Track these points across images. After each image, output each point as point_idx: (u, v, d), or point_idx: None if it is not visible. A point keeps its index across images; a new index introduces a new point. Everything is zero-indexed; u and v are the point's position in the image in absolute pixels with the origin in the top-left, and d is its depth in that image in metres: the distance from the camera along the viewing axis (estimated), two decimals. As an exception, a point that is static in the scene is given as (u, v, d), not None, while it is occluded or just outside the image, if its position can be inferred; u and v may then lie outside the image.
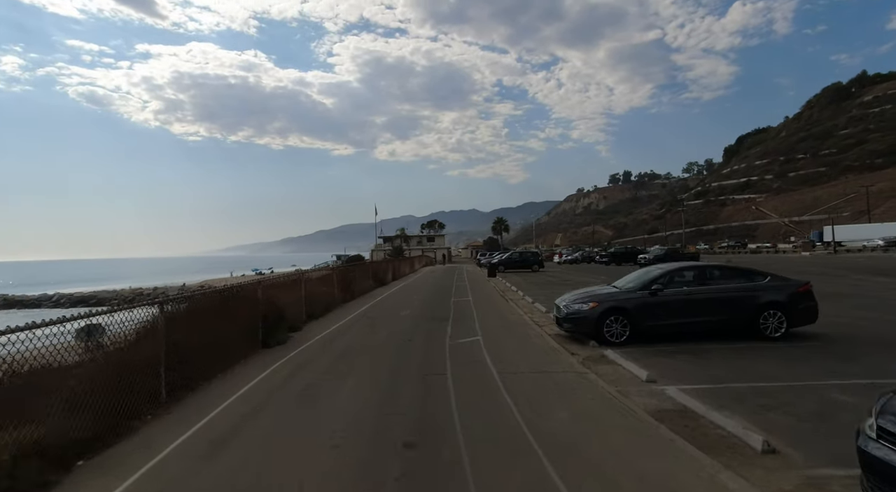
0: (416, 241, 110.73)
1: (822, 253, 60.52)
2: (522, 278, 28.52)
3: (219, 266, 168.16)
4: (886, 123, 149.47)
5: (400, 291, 21.68)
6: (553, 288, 21.09)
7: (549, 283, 24.58)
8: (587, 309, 9.25)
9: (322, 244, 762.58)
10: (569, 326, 9.57)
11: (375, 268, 25.10)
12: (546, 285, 22.98)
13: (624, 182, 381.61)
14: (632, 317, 9.06)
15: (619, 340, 9.00)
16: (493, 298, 17.47)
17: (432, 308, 14.94)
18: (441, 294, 19.74)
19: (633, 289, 9.45)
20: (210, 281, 71.39)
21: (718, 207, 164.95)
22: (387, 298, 18.33)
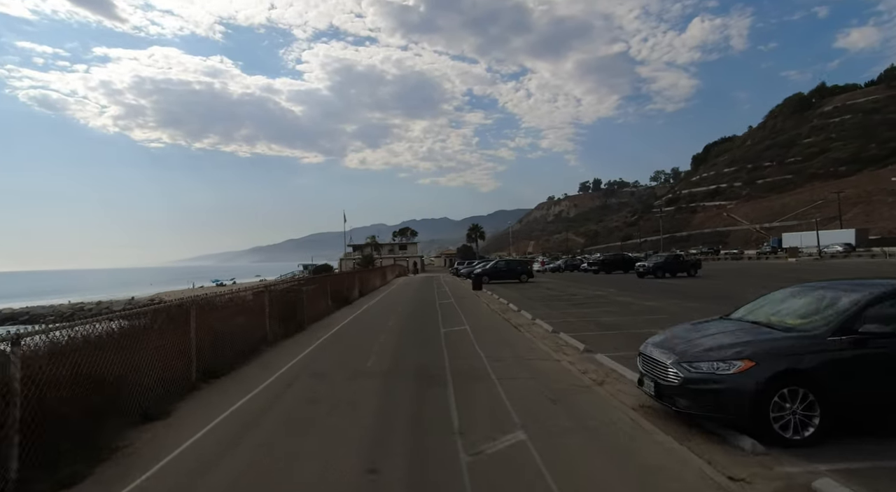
0: (388, 249, 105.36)
1: (809, 259, 58.83)
2: (515, 292, 24.01)
3: (183, 276, 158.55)
4: (847, 132, 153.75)
5: (367, 315, 16.51)
6: (562, 306, 16.58)
7: (552, 298, 20.10)
8: (734, 373, 4.65)
9: (292, 253, 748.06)
10: (687, 403, 4.94)
11: (336, 283, 19.50)
12: (550, 302, 18.48)
13: (594, 190, 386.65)
14: (822, 388, 4.55)
15: (801, 436, 4.48)
16: (497, 326, 12.72)
17: (416, 349, 9.78)
18: (423, 320, 14.87)
19: (811, 331, 4.90)
20: (164, 294, 64.88)
21: (690, 214, 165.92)
22: (347, 329, 13.24)
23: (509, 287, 27.93)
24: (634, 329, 10.90)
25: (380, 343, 10.52)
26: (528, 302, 18.48)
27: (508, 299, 19.50)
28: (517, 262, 34.27)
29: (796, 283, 6.38)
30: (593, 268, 42.53)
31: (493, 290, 25.51)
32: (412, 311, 17.22)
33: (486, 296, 22.52)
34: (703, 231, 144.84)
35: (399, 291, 27.51)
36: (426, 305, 19.14)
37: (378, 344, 10.39)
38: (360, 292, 22.96)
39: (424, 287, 30.56)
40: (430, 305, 18.67)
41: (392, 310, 17.72)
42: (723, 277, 30.56)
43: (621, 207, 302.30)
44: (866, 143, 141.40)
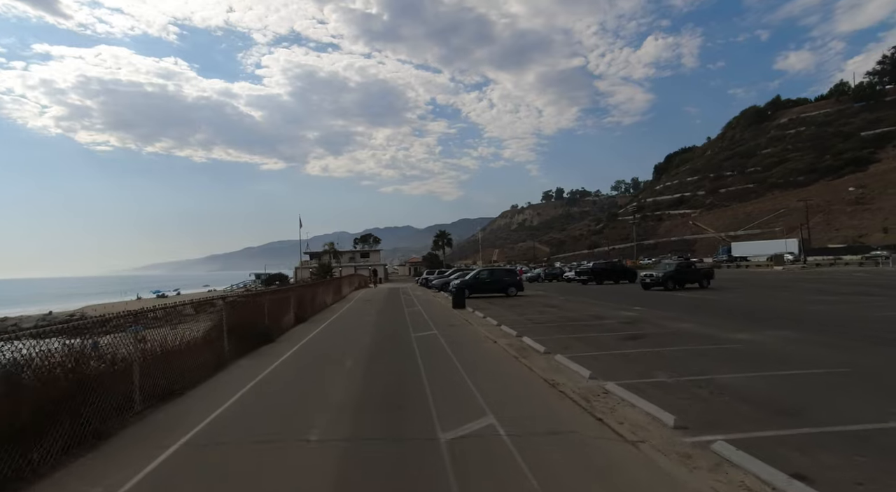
0: (349, 257, 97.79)
1: (795, 267, 56.23)
2: (512, 312, 18.00)
3: (130, 286, 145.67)
4: (803, 143, 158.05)
5: (288, 373, 9.75)
6: (605, 341, 10.61)
7: (572, 323, 14.13)
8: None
9: (250, 262, 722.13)
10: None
11: (250, 311, 12.76)
12: (577, 331, 12.48)
13: (556, 199, 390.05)
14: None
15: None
16: (538, 402, 6.52)
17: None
18: (397, 389, 7.69)
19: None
20: (91, 308, 56.26)
21: (656, 222, 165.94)
22: (248, 411, 6.89)
23: (498, 303, 21.96)
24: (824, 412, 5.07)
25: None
26: (544, 331, 12.47)
27: (512, 325, 13.46)
28: (504, 271, 28.10)
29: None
30: (582, 278, 37.23)
31: (480, 307, 19.51)
32: (373, 358, 10.62)
33: (477, 319, 16.40)
34: (670, 239, 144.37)
35: (356, 314, 20.98)
36: (395, 341, 12.69)
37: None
38: (297, 317, 16.35)
39: (390, 305, 24.09)
40: (403, 343, 12.22)
41: (340, 355, 11.06)
42: (735, 289, 25.76)
43: (583, 216, 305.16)
44: (821, 154, 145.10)
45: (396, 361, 9.73)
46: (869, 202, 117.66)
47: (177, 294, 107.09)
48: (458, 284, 25.39)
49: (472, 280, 25.96)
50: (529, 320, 15.08)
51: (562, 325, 13.84)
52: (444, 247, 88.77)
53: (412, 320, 16.60)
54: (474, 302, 22.30)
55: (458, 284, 25.47)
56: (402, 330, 14.23)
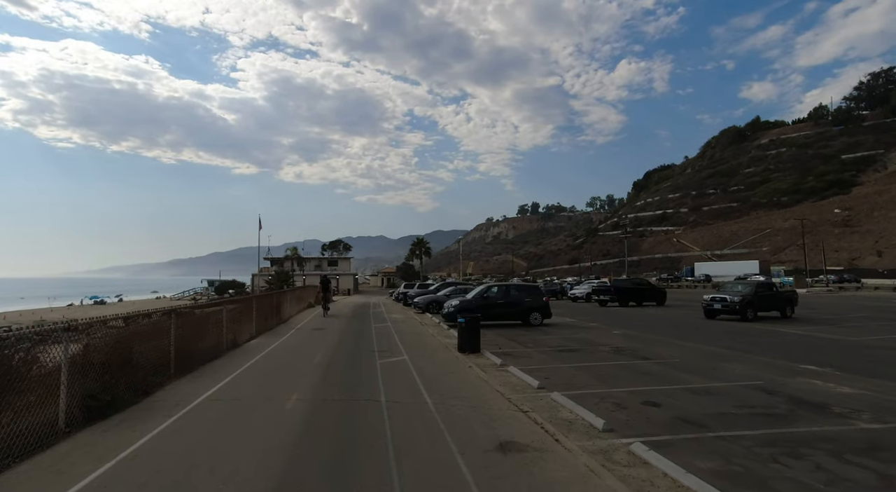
0: (314, 264, 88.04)
1: (820, 289, 50.36)
2: (571, 365, 9.85)
3: (77, 290, 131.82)
4: (784, 163, 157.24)
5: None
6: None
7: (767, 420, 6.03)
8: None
9: (215, 267, 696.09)
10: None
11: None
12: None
13: (532, 213, 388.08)
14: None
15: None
16: None
17: None
18: None
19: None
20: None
21: (638, 238, 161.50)
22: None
23: (524, 339, 13.77)
24: None
25: None
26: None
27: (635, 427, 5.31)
28: (524, 289, 18.78)
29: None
30: (601, 298, 29.43)
31: (503, 351, 11.33)
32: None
33: (523, 389, 8.03)
34: (654, 256, 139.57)
35: (283, 363, 12.50)
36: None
37: None
38: (176, 367, 7.73)
39: (352, 343, 15.37)
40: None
41: None
42: (835, 321, 18.50)
43: (558, 231, 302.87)
44: (803, 175, 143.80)
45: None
46: (856, 225, 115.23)
47: (118, 301, 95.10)
48: (458, 305, 17.04)
49: (477, 301, 17.55)
50: (670, 406, 6.82)
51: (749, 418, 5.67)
52: (422, 256, 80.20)
53: (399, 411, 8.00)
54: (492, 336, 14.01)
55: (456, 305, 17.11)
56: (377, 423, 5.78)
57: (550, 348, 11.94)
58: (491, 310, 17.35)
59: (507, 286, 18.61)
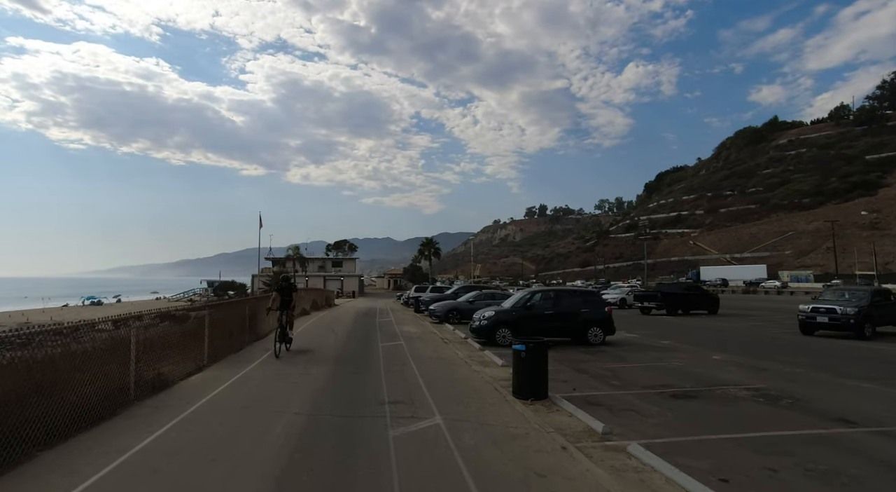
0: (318, 265, 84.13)
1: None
2: (706, 431, 5.75)
3: (86, 289, 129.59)
4: (805, 165, 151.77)
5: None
6: None
7: None
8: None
9: (222, 267, 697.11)
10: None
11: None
12: None
13: (539, 215, 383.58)
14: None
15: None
16: None
17: None
18: None
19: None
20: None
21: (652, 241, 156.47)
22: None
23: (600, 370, 9.63)
24: None
25: None
26: None
27: None
28: (577, 294, 14.47)
29: None
30: (645, 305, 25.17)
31: (576, 386, 7.24)
32: None
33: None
34: (669, 259, 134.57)
35: (215, 442, 8.31)
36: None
37: None
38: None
39: (353, 375, 11.03)
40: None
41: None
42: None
43: (566, 234, 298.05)
44: (826, 176, 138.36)
45: None
46: (885, 228, 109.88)
47: (116, 301, 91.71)
48: (493, 317, 12.96)
49: (517, 311, 13.31)
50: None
51: None
52: (431, 257, 76.03)
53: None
54: (576, 372, 9.82)
55: (490, 317, 13.02)
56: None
57: (651, 390, 7.75)
58: (536, 323, 13.16)
59: (557, 292, 14.29)
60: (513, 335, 13.12)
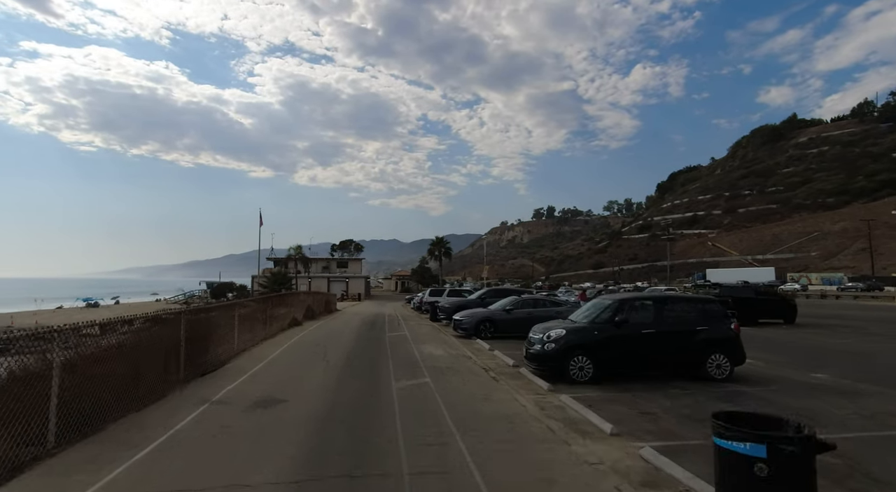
0: (322, 266, 79.96)
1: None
2: None
3: (93, 290, 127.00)
4: (828, 163, 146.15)
5: None
6: None
7: None
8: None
9: (231, 269, 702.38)
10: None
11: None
12: None
13: (547, 217, 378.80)
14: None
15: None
16: None
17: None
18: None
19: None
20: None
21: (668, 242, 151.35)
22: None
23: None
24: None
25: None
26: None
27: None
28: (687, 303, 9.71)
29: None
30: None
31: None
32: None
33: None
34: (687, 260, 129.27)
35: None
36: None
37: None
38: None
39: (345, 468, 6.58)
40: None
41: None
42: None
43: (575, 235, 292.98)
44: (851, 175, 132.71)
45: None
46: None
47: (115, 303, 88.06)
48: (567, 338, 8.60)
49: (602, 327, 8.80)
50: None
51: None
52: (441, 258, 71.60)
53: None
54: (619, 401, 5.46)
55: (562, 337, 8.66)
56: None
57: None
58: (629, 348, 8.73)
59: (658, 300, 9.60)
60: (595, 367, 8.68)
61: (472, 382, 8.57)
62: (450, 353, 11.72)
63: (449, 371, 9.34)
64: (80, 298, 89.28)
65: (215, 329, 9.07)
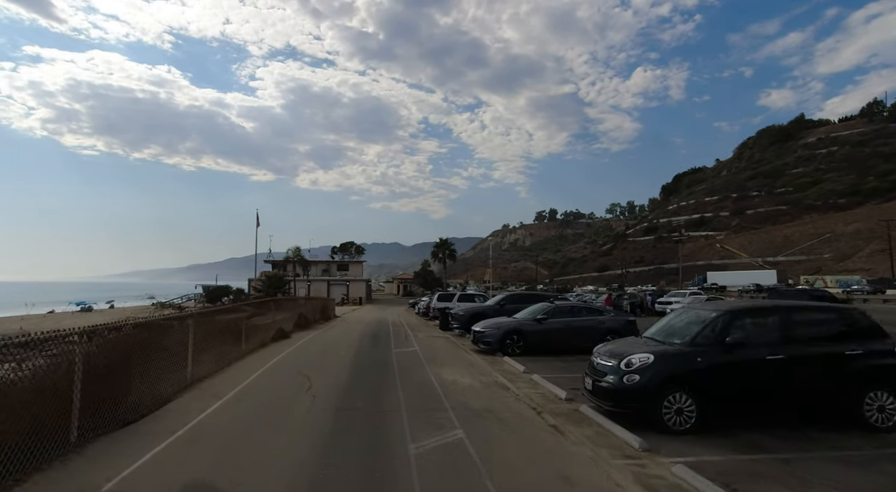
0: (322, 269, 77.25)
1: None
2: None
3: (97, 293, 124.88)
4: (837, 164, 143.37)
5: None
6: None
7: None
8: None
9: (233, 272, 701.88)
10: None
11: None
12: None
13: (549, 220, 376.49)
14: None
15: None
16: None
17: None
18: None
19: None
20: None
21: (674, 244, 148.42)
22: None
23: None
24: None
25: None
26: None
27: None
28: (822, 313, 6.76)
29: None
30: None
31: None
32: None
33: None
34: (695, 263, 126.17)
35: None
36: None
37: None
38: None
39: None
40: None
41: None
42: None
43: (577, 238, 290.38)
44: (863, 175, 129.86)
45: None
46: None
47: (110, 307, 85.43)
48: (652, 365, 5.94)
49: (708, 350, 6.07)
50: None
51: None
52: (445, 260, 68.87)
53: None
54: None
55: (646, 365, 6.00)
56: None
57: None
58: (751, 379, 5.99)
59: (784, 309, 6.81)
60: (699, 410, 5.95)
61: (527, 437, 5.79)
62: (479, 381, 8.87)
63: (488, 416, 6.52)
64: (72, 302, 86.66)
65: (152, 353, 6.33)
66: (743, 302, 7.45)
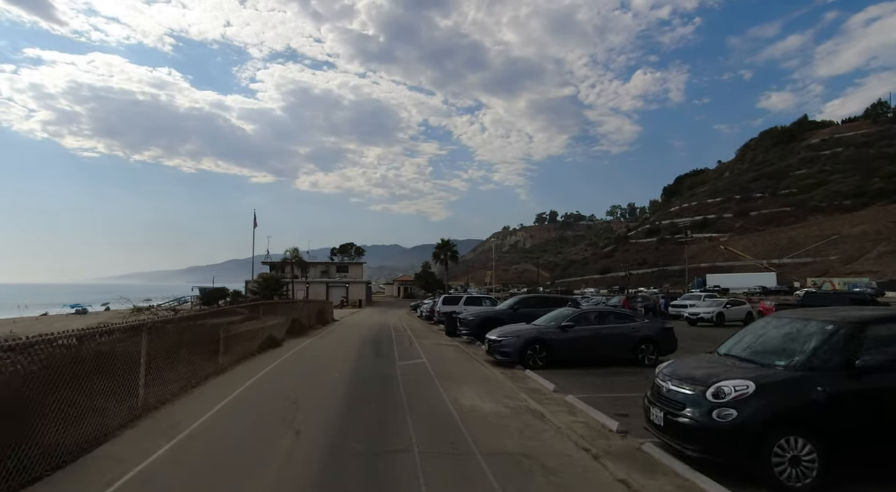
0: (321, 270, 75.56)
1: None
2: None
3: (98, 295, 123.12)
4: (842, 165, 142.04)
5: None
6: None
7: None
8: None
9: (233, 274, 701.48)
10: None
11: None
12: None
13: (550, 222, 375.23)
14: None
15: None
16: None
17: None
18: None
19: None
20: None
21: (677, 246, 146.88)
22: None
23: None
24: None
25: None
26: None
27: None
28: None
29: None
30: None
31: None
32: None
33: None
34: (699, 265, 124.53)
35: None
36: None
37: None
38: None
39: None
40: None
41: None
42: None
43: (578, 240, 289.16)
44: (868, 176, 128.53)
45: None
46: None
47: (105, 309, 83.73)
48: (759, 399, 4.33)
49: (822, 371, 4.46)
50: None
51: None
52: (447, 262, 67.22)
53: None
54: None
55: (750, 396, 4.41)
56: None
57: None
58: (889, 413, 4.34)
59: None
60: (821, 459, 4.35)
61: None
62: (505, 405, 7.16)
63: (530, 464, 4.81)
64: (67, 304, 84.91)
65: (81, 378, 4.68)
66: (868, 310, 5.77)
